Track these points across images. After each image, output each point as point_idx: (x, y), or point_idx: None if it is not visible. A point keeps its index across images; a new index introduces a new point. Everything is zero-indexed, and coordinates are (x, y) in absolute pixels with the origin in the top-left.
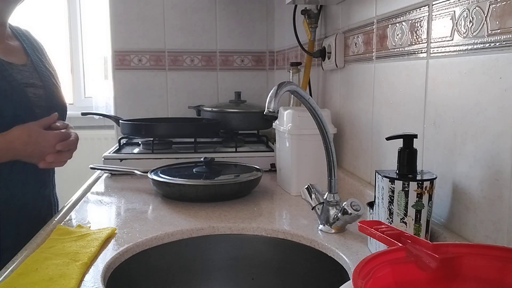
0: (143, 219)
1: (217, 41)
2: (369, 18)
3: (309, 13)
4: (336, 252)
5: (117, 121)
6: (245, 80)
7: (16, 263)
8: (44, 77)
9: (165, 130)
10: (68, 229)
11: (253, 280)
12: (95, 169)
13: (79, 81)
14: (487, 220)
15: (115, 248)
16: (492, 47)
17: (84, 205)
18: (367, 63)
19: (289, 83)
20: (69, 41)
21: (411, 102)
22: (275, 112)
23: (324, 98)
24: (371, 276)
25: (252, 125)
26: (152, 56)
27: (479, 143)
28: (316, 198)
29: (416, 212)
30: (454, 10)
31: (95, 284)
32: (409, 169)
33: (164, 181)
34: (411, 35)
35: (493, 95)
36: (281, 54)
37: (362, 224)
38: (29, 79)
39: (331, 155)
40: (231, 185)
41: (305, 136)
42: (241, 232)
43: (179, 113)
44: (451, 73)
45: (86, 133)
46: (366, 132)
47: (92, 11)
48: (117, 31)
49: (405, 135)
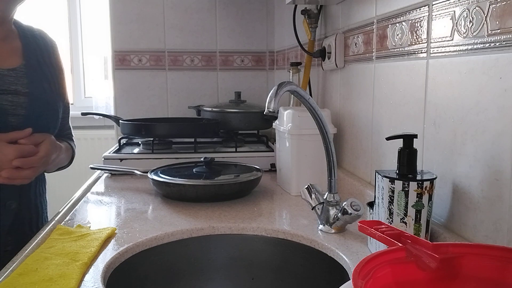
0: (143, 219)
1: (217, 41)
2: (369, 18)
3: (309, 13)
4: (336, 252)
5: (117, 121)
6: (245, 80)
7: (16, 263)
8: (34, 83)
9: (165, 130)
10: (68, 229)
11: (253, 280)
12: (95, 169)
13: (79, 81)
14: (487, 220)
15: (115, 248)
16: (492, 47)
17: (84, 205)
18: (367, 63)
19: (289, 83)
20: (69, 41)
21: (411, 102)
22: (275, 112)
23: (324, 98)
24: (371, 276)
25: (252, 125)
26: (152, 56)
27: (479, 143)
28: (316, 198)
29: (416, 212)
30: (454, 10)
31: (95, 284)
32: (409, 169)
33: (164, 181)
34: (411, 35)
35: (493, 95)
36: (281, 54)
37: (362, 224)
38: (10, 86)
39: (331, 155)
40: (231, 185)
41: (305, 136)
42: (241, 232)
43: (179, 113)
44: (451, 73)
45: (86, 133)
46: (366, 132)
47: (92, 11)
48: (117, 31)
49: (405, 135)
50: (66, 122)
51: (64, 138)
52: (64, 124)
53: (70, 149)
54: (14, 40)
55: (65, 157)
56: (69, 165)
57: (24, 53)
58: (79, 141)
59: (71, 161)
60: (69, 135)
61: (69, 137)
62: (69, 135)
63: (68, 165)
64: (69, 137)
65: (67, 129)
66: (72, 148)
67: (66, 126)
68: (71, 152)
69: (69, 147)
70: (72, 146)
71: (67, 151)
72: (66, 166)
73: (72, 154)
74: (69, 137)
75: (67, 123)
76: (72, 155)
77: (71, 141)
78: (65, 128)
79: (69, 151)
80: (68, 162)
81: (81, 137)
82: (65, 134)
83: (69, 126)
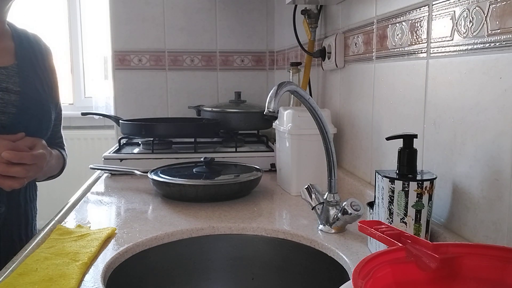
0: (143, 219)
1: (217, 41)
2: (369, 18)
3: (309, 13)
4: (336, 252)
5: (117, 121)
6: (245, 80)
7: (16, 263)
8: (26, 82)
9: (165, 130)
10: (68, 229)
11: (253, 280)
12: (95, 169)
13: (79, 81)
14: (487, 220)
15: (115, 248)
16: (492, 47)
17: (84, 205)
18: (367, 63)
19: (289, 83)
20: (69, 41)
21: (411, 102)
22: (275, 112)
23: (324, 98)
24: (371, 276)
25: (252, 125)
26: (152, 56)
27: (479, 143)
28: (316, 198)
29: (416, 212)
30: (454, 10)
31: (95, 284)
32: (409, 169)
33: (164, 181)
34: (411, 35)
35: (493, 95)
36: (281, 54)
37: (362, 224)
38: (1, 83)
39: (331, 155)
40: (231, 185)
41: (305, 136)
42: (241, 232)
43: (179, 113)
44: (451, 73)
45: (86, 133)
46: (366, 132)
47: (92, 11)
48: (117, 31)
49: (405, 135)
50: (58, 130)
51: (55, 146)
52: (56, 131)
53: (61, 158)
54: (7, 40)
55: (55, 164)
56: (59, 174)
57: (16, 53)
58: (79, 141)
59: (61, 170)
60: (60, 144)
61: (61, 146)
62: (61, 144)
63: (58, 174)
64: (60, 146)
65: (58, 137)
66: (64, 157)
67: (58, 134)
68: (62, 161)
69: (60, 155)
70: (63, 155)
71: (58, 160)
72: (57, 175)
73: (63, 163)
74: (61, 146)
75: (59, 131)
76: (63, 164)
77: (63, 150)
78: (57, 136)
79: (60, 160)
80: (58, 171)
81: (81, 137)
82: (56, 143)
83: (61, 135)
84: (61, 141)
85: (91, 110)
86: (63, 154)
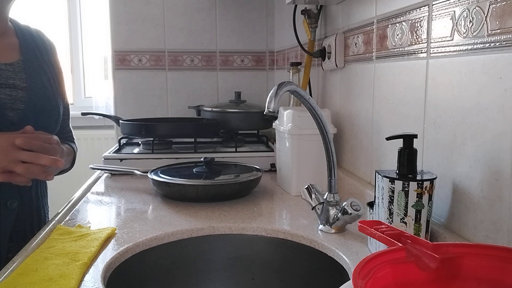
0: (143, 219)
1: (217, 41)
2: (369, 18)
3: (309, 13)
4: (336, 252)
5: (117, 121)
6: (245, 80)
7: (16, 263)
8: (32, 78)
9: (165, 130)
10: (68, 229)
11: (253, 280)
12: (95, 169)
13: (79, 81)
14: (487, 220)
15: (115, 248)
16: (492, 47)
17: (84, 205)
18: (367, 63)
19: (289, 83)
20: (69, 41)
21: (411, 102)
22: (275, 112)
23: (324, 98)
24: (371, 276)
25: (252, 125)
26: (152, 56)
27: (479, 143)
28: (316, 198)
29: (416, 212)
30: (454, 10)
31: (95, 284)
32: (409, 169)
33: (164, 181)
34: (411, 35)
35: (493, 95)
36: (281, 54)
37: (362, 224)
38: (8, 80)
39: (331, 155)
40: (231, 185)
41: (305, 136)
42: (241, 232)
43: (179, 113)
44: (451, 73)
45: (86, 133)
46: (366, 132)
47: (92, 11)
48: (117, 31)
49: (405, 135)
50: (66, 124)
51: (65, 140)
52: (65, 126)
53: (72, 152)
54: (11, 37)
55: (67, 160)
56: (70, 168)
57: (21, 49)
58: (79, 141)
59: (72, 164)
60: (70, 138)
61: (71, 140)
62: (70, 137)
63: (69, 168)
64: (70, 140)
65: (68, 131)
66: (74, 150)
67: (67, 129)
68: (72, 155)
69: (71, 149)
70: (73, 149)
71: (69, 154)
72: (68, 169)
73: (74, 156)
74: (71, 140)
75: (68, 125)
76: (74, 157)
77: (73, 143)
78: (66, 130)
79: (71, 154)
80: (70, 165)
81: (81, 137)
82: (66, 137)
83: (70, 129)
84: (70, 135)
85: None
86: (73, 147)
